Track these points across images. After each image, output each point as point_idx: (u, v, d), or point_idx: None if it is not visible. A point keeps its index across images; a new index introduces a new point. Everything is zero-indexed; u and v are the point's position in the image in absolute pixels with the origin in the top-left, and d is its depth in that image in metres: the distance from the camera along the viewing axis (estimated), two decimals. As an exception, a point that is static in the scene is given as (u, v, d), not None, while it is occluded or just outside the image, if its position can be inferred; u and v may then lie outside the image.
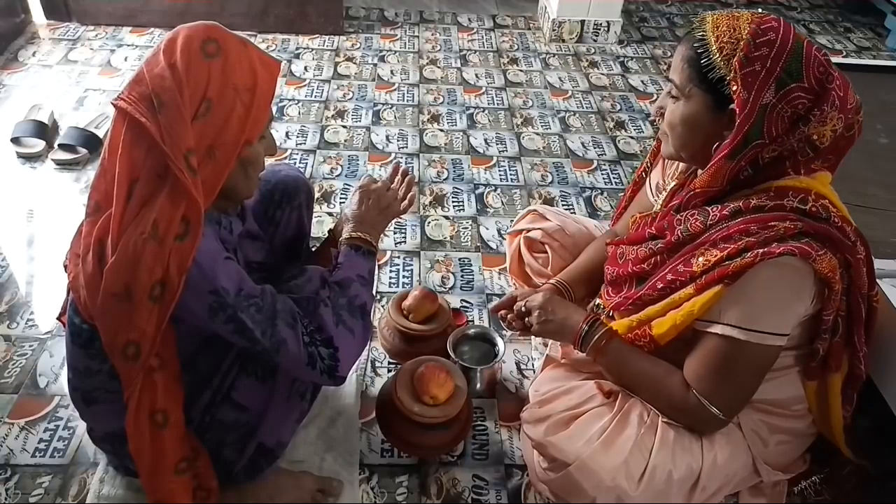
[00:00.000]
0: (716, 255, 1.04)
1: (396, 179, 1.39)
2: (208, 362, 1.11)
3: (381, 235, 1.29)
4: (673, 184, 1.28)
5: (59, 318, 1.23)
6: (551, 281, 1.47)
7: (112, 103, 1.01)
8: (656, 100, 1.19)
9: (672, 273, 1.11)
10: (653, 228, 1.19)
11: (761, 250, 1.00)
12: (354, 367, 1.29)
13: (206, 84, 0.97)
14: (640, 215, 1.27)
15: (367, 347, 1.63)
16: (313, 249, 1.45)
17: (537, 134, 2.64)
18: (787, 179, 1.05)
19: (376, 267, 1.22)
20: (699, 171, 1.14)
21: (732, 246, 1.03)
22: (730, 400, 1.12)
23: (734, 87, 1.01)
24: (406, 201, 1.35)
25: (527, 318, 1.32)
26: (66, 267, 1.11)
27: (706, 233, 1.08)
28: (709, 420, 1.12)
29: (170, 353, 1.03)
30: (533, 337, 1.73)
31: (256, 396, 1.13)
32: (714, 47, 1.03)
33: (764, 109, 1.00)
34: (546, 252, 1.60)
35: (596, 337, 1.21)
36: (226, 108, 0.98)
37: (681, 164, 1.28)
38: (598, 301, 1.38)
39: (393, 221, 1.36)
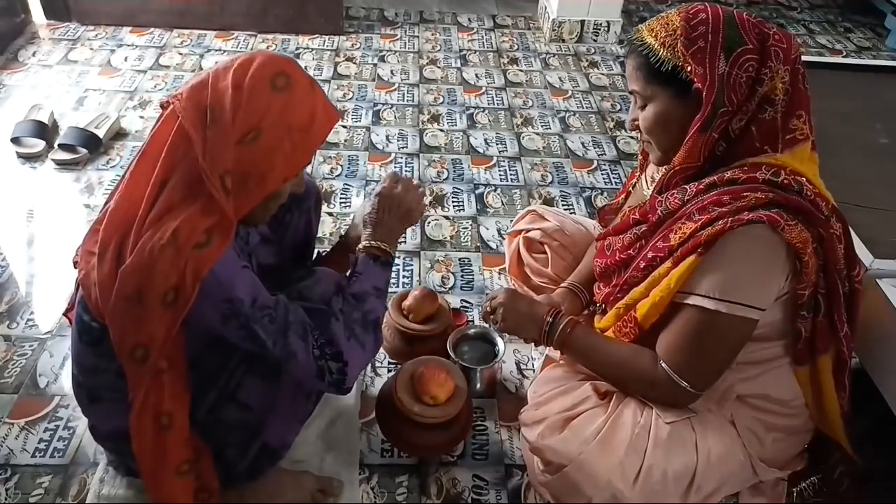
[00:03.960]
0: (690, 227, 1.07)
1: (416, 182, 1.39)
2: (215, 362, 1.11)
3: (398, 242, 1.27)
4: (659, 175, 1.28)
5: (65, 314, 1.23)
6: (564, 284, 1.48)
7: (168, 100, 1.01)
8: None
9: (653, 250, 1.14)
10: (637, 214, 1.22)
11: (732, 218, 1.03)
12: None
13: (263, 114, 0.97)
14: (630, 208, 1.29)
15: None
16: (322, 254, 1.45)
17: (537, 134, 2.64)
18: (761, 157, 1.09)
19: (390, 276, 1.23)
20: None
21: (706, 216, 1.06)
22: (700, 373, 1.12)
23: (689, 68, 1.06)
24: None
25: (491, 317, 1.34)
26: (75, 263, 1.11)
27: (683, 207, 1.11)
28: (678, 394, 1.13)
29: (178, 356, 1.03)
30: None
31: (262, 396, 1.13)
32: (656, 45, 1.09)
33: (722, 79, 1.05)
34: (545, 252, 1.60)
35: (560, 328, 1.23)
36: (273, 141, 0.98)
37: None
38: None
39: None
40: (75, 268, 1.10)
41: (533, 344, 1.36)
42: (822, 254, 1.10)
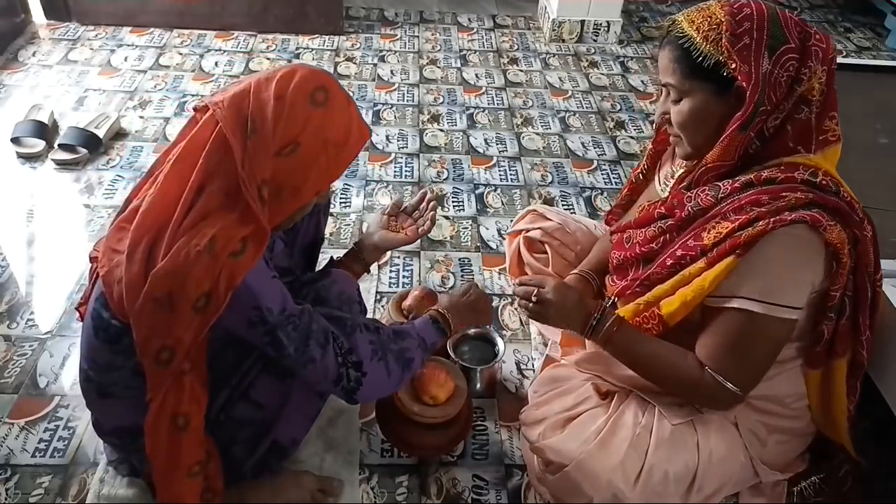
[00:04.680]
0: (727, 227, 1.04)
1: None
2: (229, 361, 1.12)
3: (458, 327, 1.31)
4: (681, 171, 1.27)
5: (78, 308, 1.23)
6: (575, 271, 1.45)
7: (205, 104, 1.02)
8: (657, 100, 1.20)
9: (682, 248, 1.10)
10: (662, 208, 1.18)
11: (773, 218, 1.01)
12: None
13: (303, 128, 0.98)
14: (649, 202, 1.26)
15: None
16: (335, 259, 1.46)
17: (537, 134, 2.64)
18: (796, 157, 1.07)
19: (440, 342, 1.26)
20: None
21: (744, 216, 1.03)
22: (747, 375, 1.10)
23: (733, 66, 1.03)
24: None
25: (531, 305, 1.24)
26: (92, 259, 1.10)
27: (717, 206, 1.08)
28: (725, 397, 1.11)
29: (200, 358, 1.04)
30: (533, 337, 1.73)
31: (274, 395, 1.14)
32: (698, 38, 1.05)
33: (765, 77, 1.02)
34: (546, 252, 1.60)
35: (606, 325, 1.18)
36: (310, 156, 0.99)
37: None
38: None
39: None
40: (92, 263, 1.10)
41: (546, 342, 1.33)
42: (853, 255, 1.09)
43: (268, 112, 0.97)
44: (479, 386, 1.58)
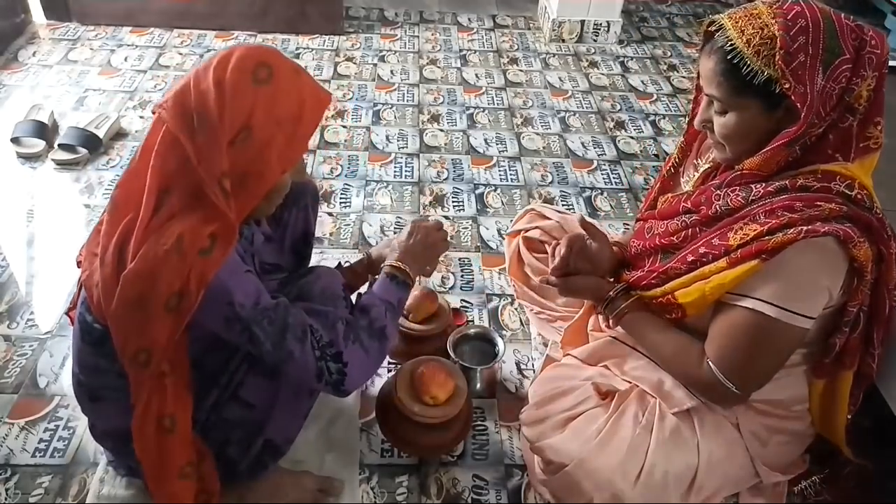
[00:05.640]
0: (755, 229, 1.02)
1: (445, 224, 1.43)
2: (216, 362, 1.11)
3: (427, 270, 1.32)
4: (706, 165, 1.24)
5: (67, 314, 1.23)
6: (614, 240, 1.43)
7: (153, 111, 1.00)
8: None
9: (705, 246, 1.08)
10: (688, 203, 1.16)
11: (805, 227, 0.98)
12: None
13: (250, 111, 0.94)
14: (673, 195, 1.24)
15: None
16: (345, 265, 1.45)
17: (537, 134, 2.64)
18: (833, 164, 1.04)
19: (407, 297, 1.24)
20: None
21: (774, 221, 1.00)
22: (750, 377, 1.09)
23: (786, 85, 0.98)
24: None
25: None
26: (79, 263, 1.10)
27: (746, 207, 1.06)
28: (725, 395, 1.10)
29: (181, 359, 1.03)
30: (533, 337, 1.73)
31: (264, 394, 1.14)
32: (749, 52, 0.99)
33: (818, 94, 0.98)
34: (546, 252, 1.59)
35: (619, 307, 1.22)
36: (264, 138, 0.96)
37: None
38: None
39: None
40: (79, 267, 1.10)
41: (546, 342, 1.32)
42: (875, 271, 1.07)
43: (210, 103, 0.93)
44: (479, 386, 1.58)
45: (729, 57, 1.01)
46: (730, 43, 1.01)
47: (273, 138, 0.96)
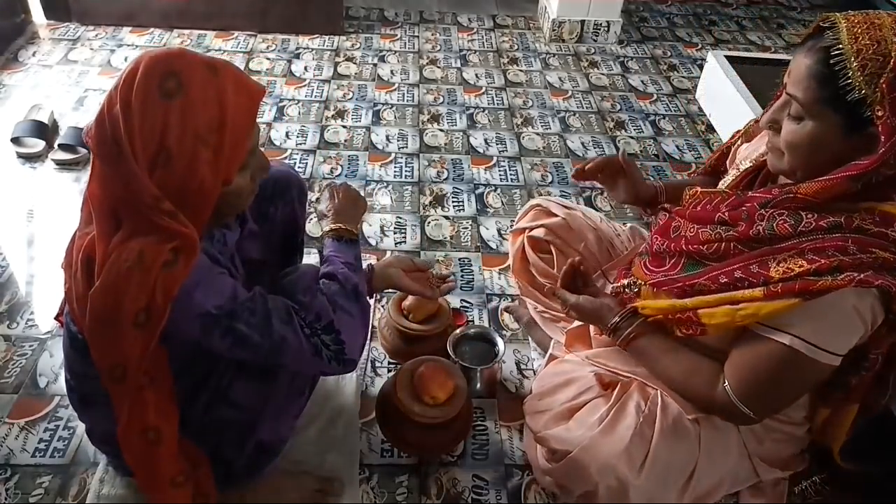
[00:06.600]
0: (801, 266, 0.94)
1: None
2: (204, 367, 1.10)
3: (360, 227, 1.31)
4: (747, 165, 1.18)
5: (56, 318, 1.23)
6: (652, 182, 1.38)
7: (82, 138, 0.99)
8: (654, 99, 1.16)
9: (742, 271, 1.01)
10: (725, 213, 1.07)
11: (858, 276, 0.91)
12: (363, 355, 1.28)
13: (162, 131, 0.88)
14: (702, 191, 1.15)
15: (368, 347, 1.63)
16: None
17: (537, 134, 2.64)
18: (888, 205, 0.96)
19: (361, 252, 1.24)
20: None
21: (824, 261, 0.93)
22: (767, 404, 1.07)
23: (879, 112, 0.88)
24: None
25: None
26: (63, 268, 1.10)
27: (794, 239, 0.98)
28: (738, 417, 1.08)
29: (161, 371, 1.01)
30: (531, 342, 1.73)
31: (254, 395, 1.13)
32: (855, 64, 0.89)
33: None
34: (551, 252, 1.55)
35: (625, 333, 1.17)
36: (186, 156, 0.90)
37: (761, 147, 1.17)
38: (626, 281, 1.26)
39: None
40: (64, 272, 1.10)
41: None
42: None
43: (121, 131, 0.88)
44: (479, 386, 1.58)
45: (831, 62, 0.91)
46: (837, 46, 0.91)
47: (196, 154, 0.90)
